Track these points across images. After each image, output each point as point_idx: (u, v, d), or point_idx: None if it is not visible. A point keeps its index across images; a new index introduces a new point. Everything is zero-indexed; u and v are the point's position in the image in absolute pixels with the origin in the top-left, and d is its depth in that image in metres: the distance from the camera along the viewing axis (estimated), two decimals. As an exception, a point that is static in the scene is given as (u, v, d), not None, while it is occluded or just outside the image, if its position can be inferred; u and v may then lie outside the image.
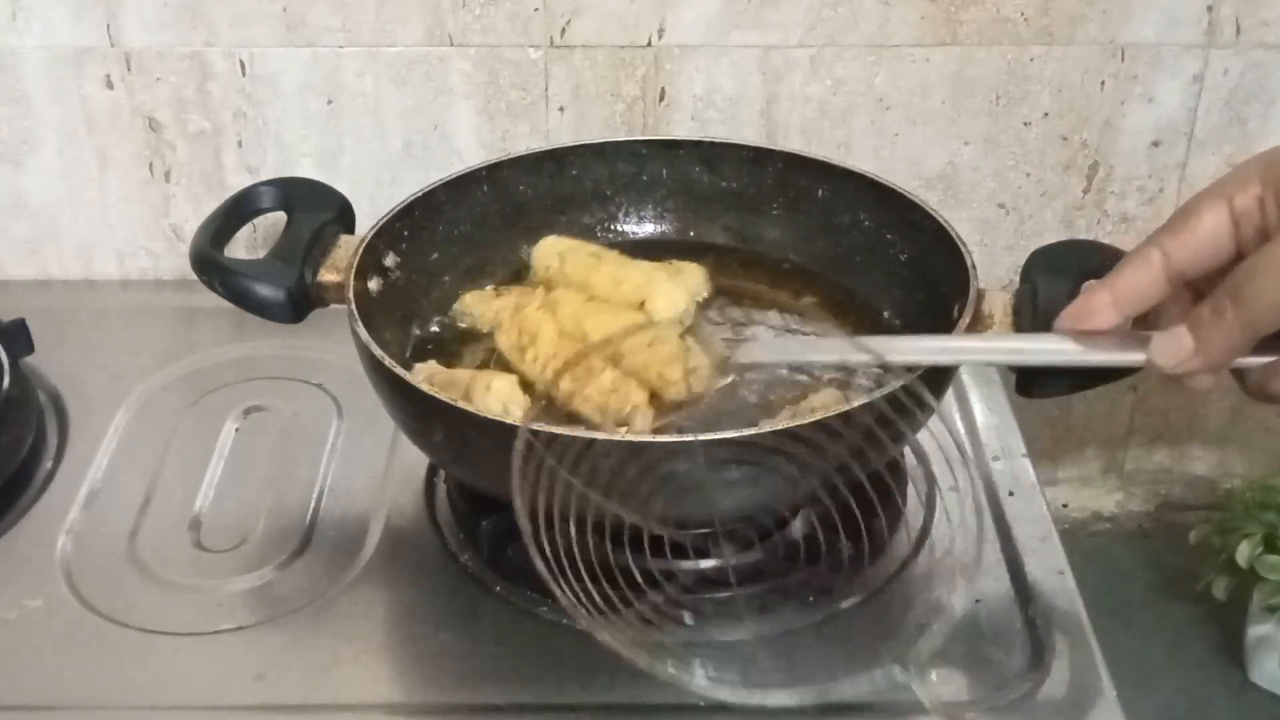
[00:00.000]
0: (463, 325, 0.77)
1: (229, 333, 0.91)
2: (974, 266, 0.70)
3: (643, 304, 0.74)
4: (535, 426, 0.57)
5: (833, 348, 0.68)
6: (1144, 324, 0.61)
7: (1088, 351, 0.60)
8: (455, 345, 0.77)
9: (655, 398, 0.69)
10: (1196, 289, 0.59)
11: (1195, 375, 0.57)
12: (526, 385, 0.71)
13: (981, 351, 0.66)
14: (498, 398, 0.68)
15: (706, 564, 0.70)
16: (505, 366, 0.73)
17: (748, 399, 0.72)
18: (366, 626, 0.69)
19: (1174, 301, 0.60)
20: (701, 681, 0.61)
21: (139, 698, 0.65)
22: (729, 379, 0.71)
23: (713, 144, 0.84)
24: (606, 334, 0.70)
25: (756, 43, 0.90)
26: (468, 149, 0.95)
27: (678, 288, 0.75)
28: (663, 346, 0.70)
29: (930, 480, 0.78)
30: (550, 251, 0.79)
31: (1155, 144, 0.95)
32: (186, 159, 0.96)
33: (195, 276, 0.73)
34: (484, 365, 0.75)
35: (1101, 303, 0.60)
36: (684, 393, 0.70)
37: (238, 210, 0.78)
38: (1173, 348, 0.56)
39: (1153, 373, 0.58)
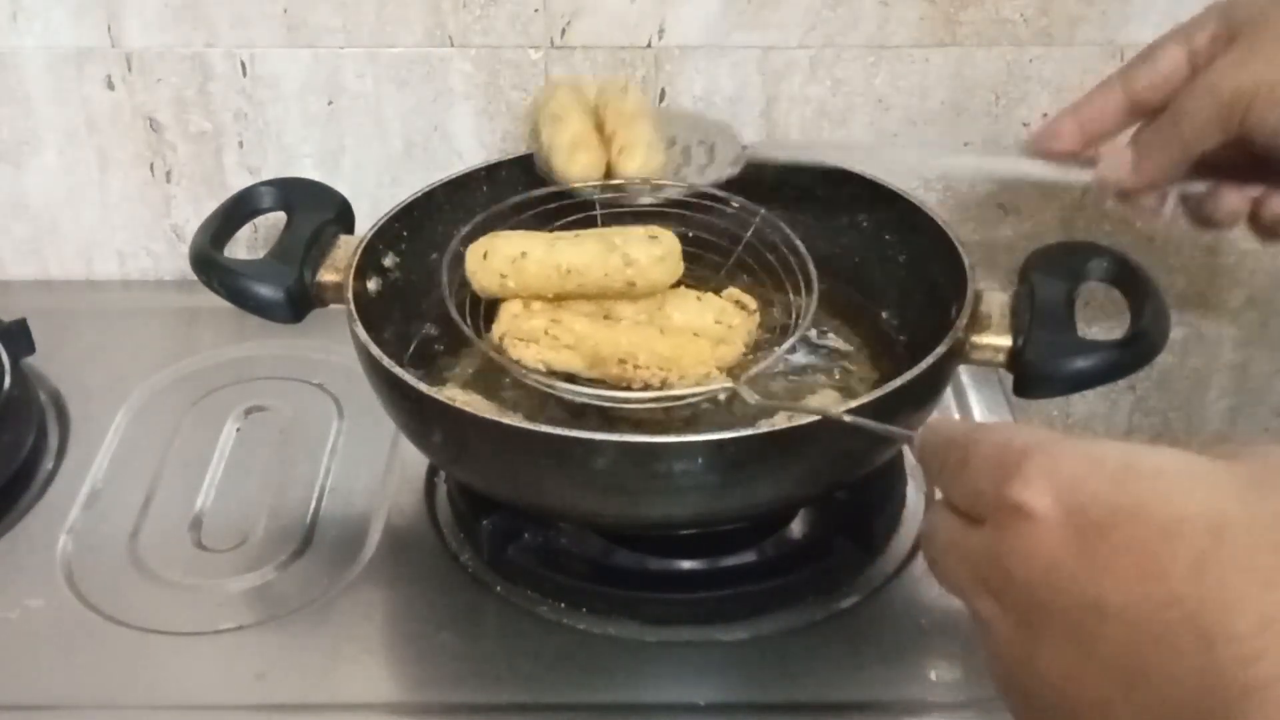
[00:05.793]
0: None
1: (229, 333, 0.91)
2: (972, 267, 0.70)
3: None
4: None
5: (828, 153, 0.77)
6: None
7: (1046, 168, 0.66)
8: (455, 345, 0.77)
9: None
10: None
11: (1142, 193, 0.63)
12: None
13: (964, 166, 0.74)
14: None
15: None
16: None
17: (746, 400, 0.72)
18: (366, 626, 0.69)
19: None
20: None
21: (139, 698, 0.65)
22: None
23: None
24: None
25: (756, 43, 0.90)
26: (468, 149, 0.95)
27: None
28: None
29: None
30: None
31: (1155, 144, 0.95)
32: (187, 159, 0.96)
33: (195, 277, 0.74)
34: (482, 367, 0.75)
35: (1066, 127, 0.65)
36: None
37: (238, 210, 0.78)
38: (1117, 162, 0.63)
39: (1104, 192, 0.64)
